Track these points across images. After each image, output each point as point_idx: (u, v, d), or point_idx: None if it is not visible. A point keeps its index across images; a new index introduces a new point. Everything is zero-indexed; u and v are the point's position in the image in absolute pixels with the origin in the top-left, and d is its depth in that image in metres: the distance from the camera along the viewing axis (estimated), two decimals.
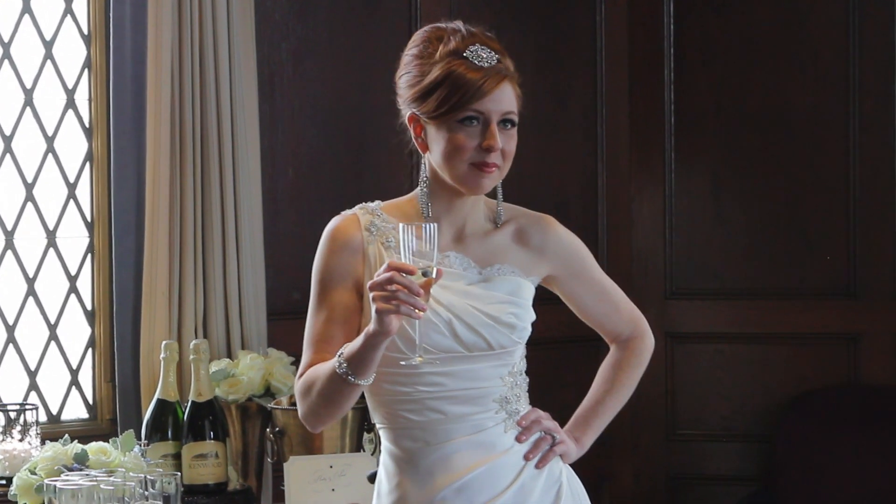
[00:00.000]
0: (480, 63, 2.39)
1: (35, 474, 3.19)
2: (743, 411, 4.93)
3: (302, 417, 2.43)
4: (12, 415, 3.50)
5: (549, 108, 4.79)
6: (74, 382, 3.96)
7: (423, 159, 2.48)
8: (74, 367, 3.96)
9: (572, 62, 4.91)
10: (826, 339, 4.87)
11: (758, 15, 4.90)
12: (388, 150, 4.24)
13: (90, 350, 3.98)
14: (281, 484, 3.49)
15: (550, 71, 4.83)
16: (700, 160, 4.97)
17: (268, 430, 3.59)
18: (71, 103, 3.95)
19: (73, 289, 3.96)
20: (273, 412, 3.55)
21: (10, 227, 3.87)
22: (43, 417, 3.84)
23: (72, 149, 3.96)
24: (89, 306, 3.97)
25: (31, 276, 3.90)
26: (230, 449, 3.64)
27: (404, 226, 2.27)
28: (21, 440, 3.49)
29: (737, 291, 4.94)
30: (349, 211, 2.48)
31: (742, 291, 4.94)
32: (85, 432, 3.78)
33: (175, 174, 3.81)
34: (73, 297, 3.96)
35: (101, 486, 2.74)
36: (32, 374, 3.89)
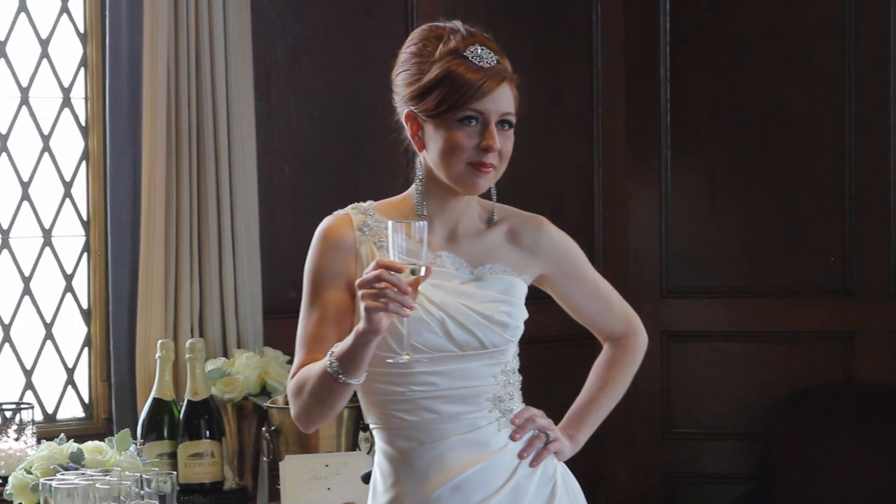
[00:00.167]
0: (481, 63, 2.39)
1: (31, 473, 3.20)
2: (738, 409, 4.94)
3: (294, 418, 2.43)
4: (8, 414, 3.50)
5: (545, 106, 4.80)
6: (70, 381, 3.96)
7: (419, 158, 2.48)
8: (70, 366, 3.96)
9: (568, 60, 4.92)
10: (821, 337, 4.88)
11: (754, 13, 4.91)
12: (384, 149, 4.23)
13: (86, 349, 3.98)
14: (277, 483, 3.49)
15: (546, 69, 4.84)
16: (696, 159, 4.98)
17: (263, 428, 3.59)
18: (67, 102, 3.95)
19: (69, 288, 3.96)
20: (269, 411, 3.55)
21: (5, 226, 3.87)
22: (39, 416, 3.85)
23: (68, 147, 3.96)
24: (85, 305, 3.97)
25: (26, 274, 3.90)
26: (226, 448, 3.64)
27: (393, 224, 2.27)
28: (17, 439, 3.49)
29: (732, 290, 4.95)
30: (341, 211, 2.48)
31: (738, 290, 4.95)
32: (81, 431, 3.78)
33: (171, 173, 3.81)
34: (69, 295, 3.96)
35: (97, 486, 2.75)
36: (28, 373, 3.89)
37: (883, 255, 4.81)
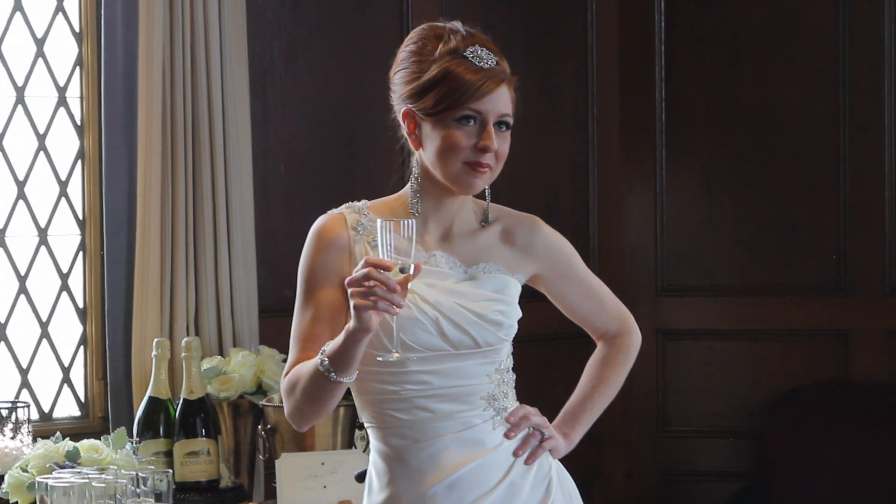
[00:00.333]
0: (480, 63, 2.40)
1: (27, 472, 3.20)
2: (734, 407, 4.95)
3: (288, 416, 2.44)
4: (4, 413, 3.50)
5: (540, 106, 4.80)
6: (66, 380, 3.96)
7: (414, 157, 2.49)
8: (66, 364, 3.96)
9: (563, 60, 4.92)
10: (816, 335, 4.89)
11: (749, 13, 4.92)
12: (380, 148, 4.25)
13: (82, 348, 3.98)
14: (273, 481, 3.50)
15: (541, 69, 4.84)
16: (691, 158, 4.99)
17: (259, 427, 3.59)
18: (62, 101, 3.95)
19: (65, 287, 3.96)
20: (265, 409, 3.56)
21: (1, 226, 3.87)
22: (35, 415, 3.84)
23: (63, 147, 3.96)
24: (81, 304, 3.97)
25: (22, 274, 3.90)
26: (222, 446, 3.64)
27: (382, 222, 2.28)
28: (13, 438, 3.49)
29: (727, 288, 4.96)
30: (336, 210, 2.49)
31: (733, 288, 4.95)
32: (77, 430, 3.78)
33: (167, 172, 3.81)
34: (64, 294, 3.96)
35: (93, 484, 2.75)
36: (24, 372, 3.89)
37: (877, 253, 4.82)
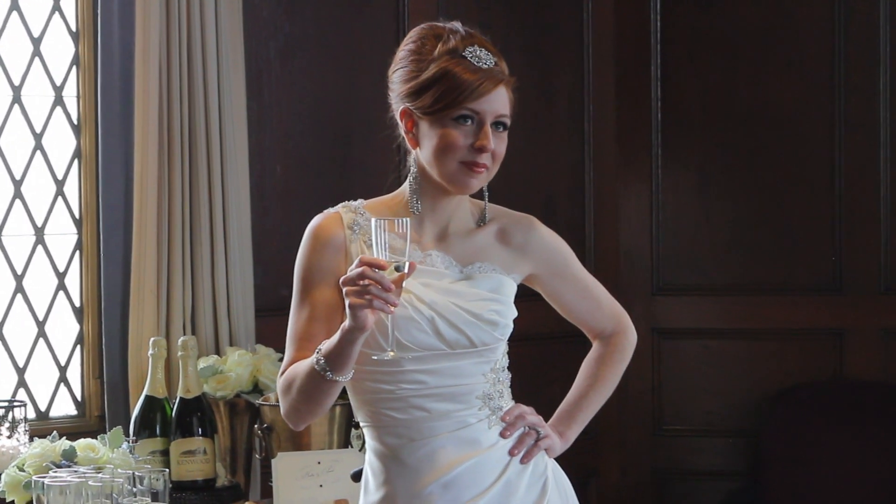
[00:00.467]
0: (479, 64, 2.41)
1: (23, 471, 3.20)
2: (729, 406, 4.95)
3: (284, 415, 2.44)
4: (0, 412, 3.50)
5: (536, 104, 4.81)
6: (63, 379, 3.96)
7: (411, 156, 2.50)
8: (63, 363, 3.96)
9: (559, 59, 4.93)
10: (812, 334, 4.89)
11: (744, 12, 4.92)
12: (376, 148, 4.26)
13: (78, 347, 3.98)
14: (269, 480, 3.50)
15: (537, 67, 4.85)
16: (687, 157, 5.00)
17: (256, 426, 3.60)
18: (59, 100, 3.96)
19: (62, 286, 3.96)
20: (261, 408, 3.56)
21: None
22: (31, 414, 3.85)
23: (60, 146, 3.96)
24: (77, 303, 3.98)
25: (19, 273, 3.90)
26: (218, 445, 3.65)
27: (376, 221, 2.28)
28: (9, 437, 3.49)
29: (723, 287, 4.97)
30: (332, 209, 2.50)
31: (728, 287, 4.96)
32: (73, 429, 3.78)
33: (163, 171, 3.81)
34: (61, 293, 3.96)
35: (90, 483, 2.75)
36: (21, 371, 3.90)
37: (872, 252, 4.82)
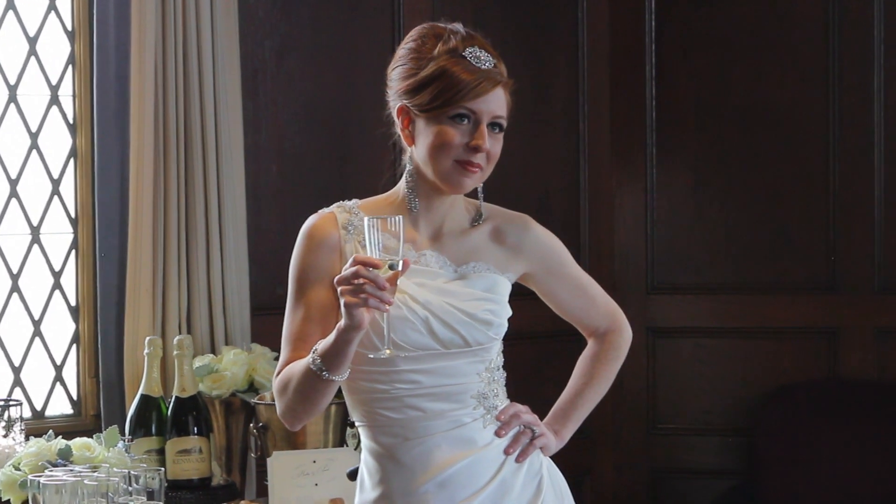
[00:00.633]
0: (478, 64, 2.42)
1: (19, 470, 3.20)
2: (724, 405, 4.96)
3: (280, 415, 2.45)
4: None
5: (531, 103, 4.81)
6: (59, 378, 3.97)
7: (406, 155, 2.50)
8: (59, 363, 3.96)
9: (554, 58, 4.94)
10: (806, 333, 4.90)
11: (738, 11, 4.93)
12: (372, 147, 4.26)
13: (74, 346, 3.98)
14: (264, 479, 3.50)
15: (532, 66, 4.85)
16: (681, 156, 5.00)
17: (251, 425, 3.60)
18: (55, 100, 3.96)
19: (58, 285, 3.96)
20: (256, 407, 3.56)
21: None
22: (27, 413, 3.85)
23: (56, 145, 3.96)
24: (73, 302, 3.98)
25: (15, 272, 3.90)
26: (214, 444, 3.65)
27: (369, 220, 2.29)
28: (5, 436, 3.49)
29: (717, 286, 4.97)
30: (326, 209, 2.50)
31: (723, 286, 4.97)
32: (69, 428, 3.79)
33: (159, 170, 3.82)
34: (57, 293, 3.96)
35: (85, 482, 2.75)
36: (17, 370, 3.90)
37: (867, 251, 4.83)
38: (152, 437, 3.57)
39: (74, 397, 3.99)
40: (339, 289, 2.26)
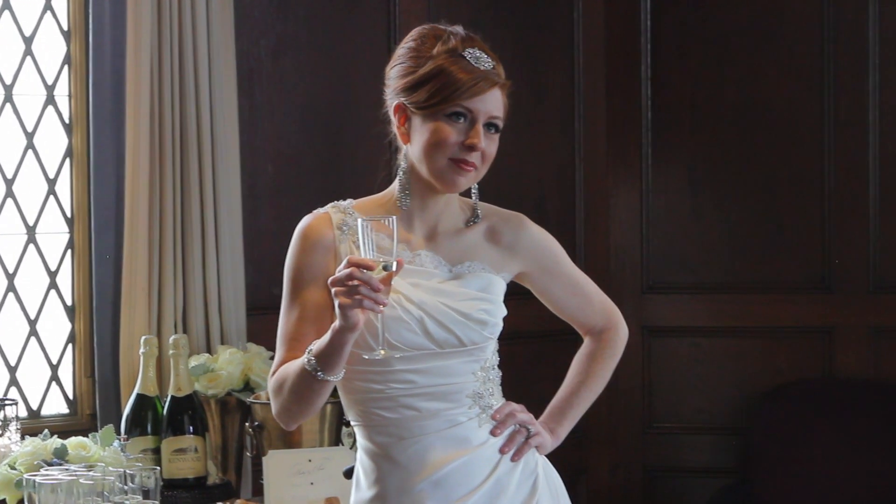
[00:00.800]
0: (477, 64, 2.42)
1: (15, 469, 3.20)
2: (719, 404, 4.97)
3: (275, 415, 2.45)
4: None
5: (526, 103, 4.81)
6: (54, 378, 3.97)
7: (402, 153, 2.50)
8: (54, 362, 3.96)
9: (550, 58, 4.94)
10: (801, 332, 4.91)
11: (734, 11, 4.94)
12: (367, 146, 4.27)
13: (70, 345, 3.98)
14: (260, 478, 3.51)
15: (528, 66, 4.86)
16: (676, 155, 5.01)
17: (247, 424, 3.60)
18: (51, 99, 3.96)
19: (53, 284, 3.96)
20: (252, 407, 3.57)
21: None
22: (23, 413, 3.85)
23: (51, 145, 3.96)
24: (69, 302, 3.98)
25: (10, 271, 3.90)
26: (209, 443, 3.65)
27: (362, 221, 2.29)
28: (1, 435, 3.49)
29: (713, 285, 4.98)
30: (321, 209, 2.50)
31: (718, 285, 4.97)
32: (65, 427, 3.79)
33: (154, 170, 3.82)
34: (52, 292, 3.96)
35: (81, 481, 2.75)
36: (12, 370, 3.90)
37: (862, 250, 4.84)
38: (148, 437, 3.57)
39: (70, 396, 3.99)
40: (333, 290, 2.27)
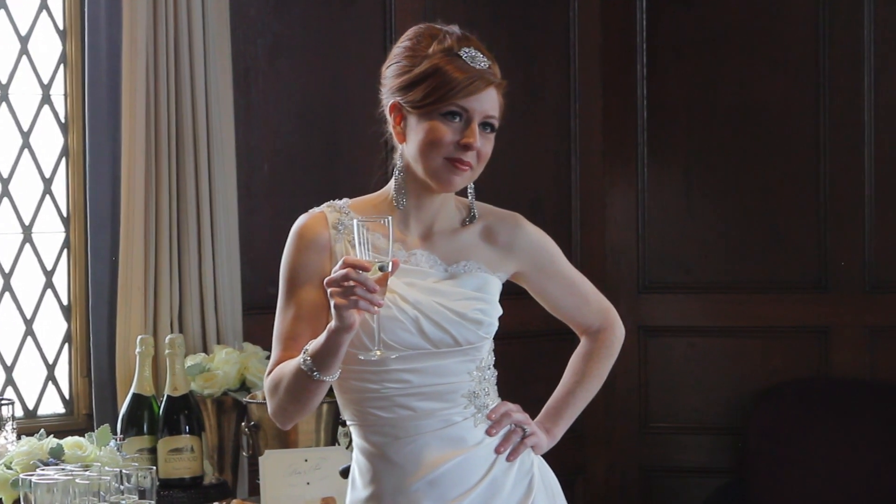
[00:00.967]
0: (473, 64, 2.42)
1: (11, 469, 3.20)
2: (715, 404, 4.97)
3: (271, 415, 2.45)
4: None
5: (522, 103, 4.82)
6: (51, 377, 3.97)
7: (398, 153, 2.50)
8: (51, 361, 3.96)
9: (545, 57, 4.94)
10: (797, 331, 4.91)
11: (729, 11, 4.94)
12: (363, 146, 4.27)
13: (66, 345, 3.98)
14: (256, 478, 3.51)
15: (524, 66, 4.86)
16: (672, 155, 5.01)
17: (243, 424, 3.60)
18: (46, 99, 3.96)
19: (49, 284, 3.96)
20: (248, 406, 3.57)
21: None
22: (19, 412, 3.84)
23: (47, 144, 3.96)
24: (65, 301, 3.98)
25: (6, 271, 3.90)
26: (206, 443, 3.65)
27: (358, 221, 2.29)
28: None
29: (709, 285, 4.98)
30: (317, 209, 2.50)
31: (714, 285, 4.98)
32: (61, 427, 3.79)
33: (150, 169, 3.82)
34: (49, 292, 3.96)
35: (77, 481, 2.75)
36: (9, 370, 3.90)
37: (857, 249, 4.85)
38: (144, 436, 3.57)
39: (66, 396, 3.99)
40: (329, 290, 2.27)
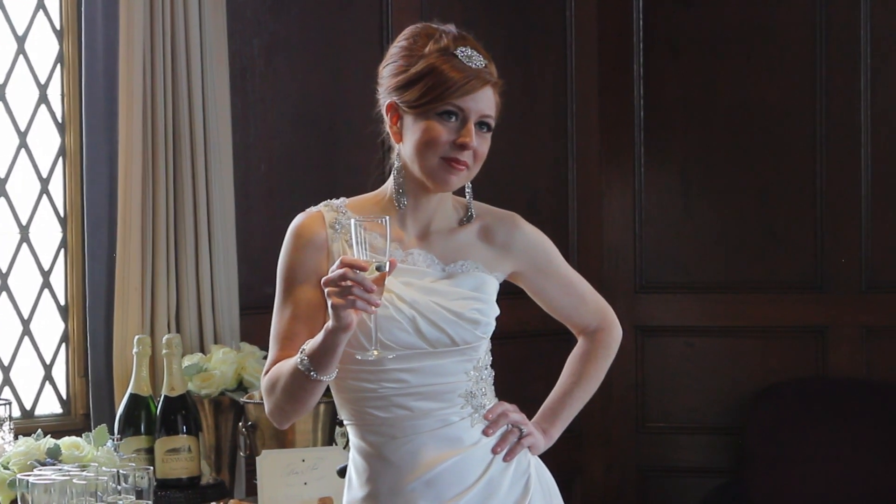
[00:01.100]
0: (469, 63, 2.42)
1: (8, 469, 3.20)
2: (712, 403, 4.97)
3: (268, 414, 2.45)
4: None
5: (519, 103, 4.82)
6: (48, 377, 3.96)
7: (394, 152, 2.50)
8: (48, 362, 3.96)
9: (542, 58, 4.94)
10: (794, 331, 4.92)
11: (726, 11, 4.94)
12: (360, 145, 4.27)
13: (63, 345, 3.98)
14: (254, 478, 3.51)
15: (520, 66, 4.86)
16: (669, 155, 5.01)
17: (240, 424, 3.60)
18: (43, 98, 3.96)
19: (46, 284, 3.96)
20: (245, 406, 3.57)
21: None
22: (16, 412, 3.84)
23: (44, 144, 3.96)
24: (62, 301, 3.98)
25: (3, 271, 3.90)
26: (203, 443, 3.65)
27: (355, 221, 2.29)
28: None
29: (706, 285, 4.98)
30: (314, 208, 2.50)
31: (711, 285, 4.98)
32: (58, 427, 3.79)
33: (147, 169, 3.82)
34: (46, 292, 3.96)
35: (74, 481, 2.75)
36: (6, 370, 3.89)
37: (854, 249, 4.85)
38: (141, 436, 3.57)
39: (63, 396, 3.98)
40: (326, 290, 2.27)
